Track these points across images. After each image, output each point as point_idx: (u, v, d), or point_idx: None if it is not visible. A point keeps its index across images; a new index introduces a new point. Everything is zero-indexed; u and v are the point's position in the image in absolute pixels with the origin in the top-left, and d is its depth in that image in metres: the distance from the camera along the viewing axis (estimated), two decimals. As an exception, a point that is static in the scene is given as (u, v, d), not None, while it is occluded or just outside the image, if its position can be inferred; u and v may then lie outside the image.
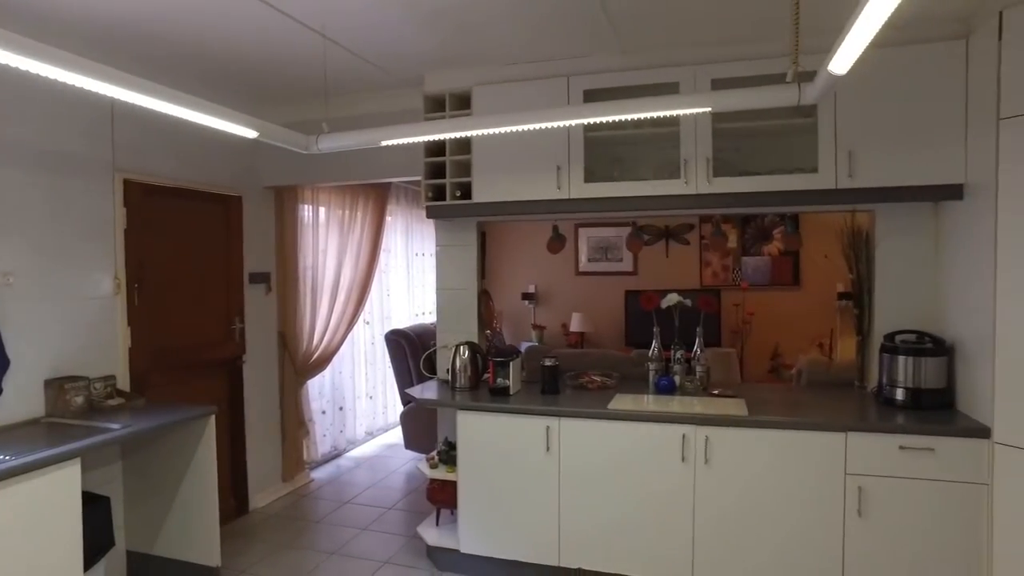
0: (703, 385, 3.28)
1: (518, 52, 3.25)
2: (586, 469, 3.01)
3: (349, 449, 5.56)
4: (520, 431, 3.09)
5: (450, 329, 3.82)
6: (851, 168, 2.87)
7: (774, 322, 6.17)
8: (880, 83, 2.85)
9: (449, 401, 3.30)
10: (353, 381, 5.62)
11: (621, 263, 6.73)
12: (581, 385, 3.43)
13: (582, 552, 3.04)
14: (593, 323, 6.61)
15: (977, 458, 2.58)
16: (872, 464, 2.69)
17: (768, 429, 2.78)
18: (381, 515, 4.15)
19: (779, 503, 2.78)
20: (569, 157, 3.23)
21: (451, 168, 3.47)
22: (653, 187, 3.12)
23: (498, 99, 3.35)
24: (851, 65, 1.77)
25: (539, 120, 2.38)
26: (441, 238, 3.87)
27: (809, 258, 6.13)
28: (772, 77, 2.65)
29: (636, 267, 6.69)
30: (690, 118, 3.04)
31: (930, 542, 2.64)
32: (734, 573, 2.85)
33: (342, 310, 4.98)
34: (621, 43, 3.10)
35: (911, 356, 2.90)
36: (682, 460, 2.87)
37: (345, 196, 5.05)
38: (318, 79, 3.56)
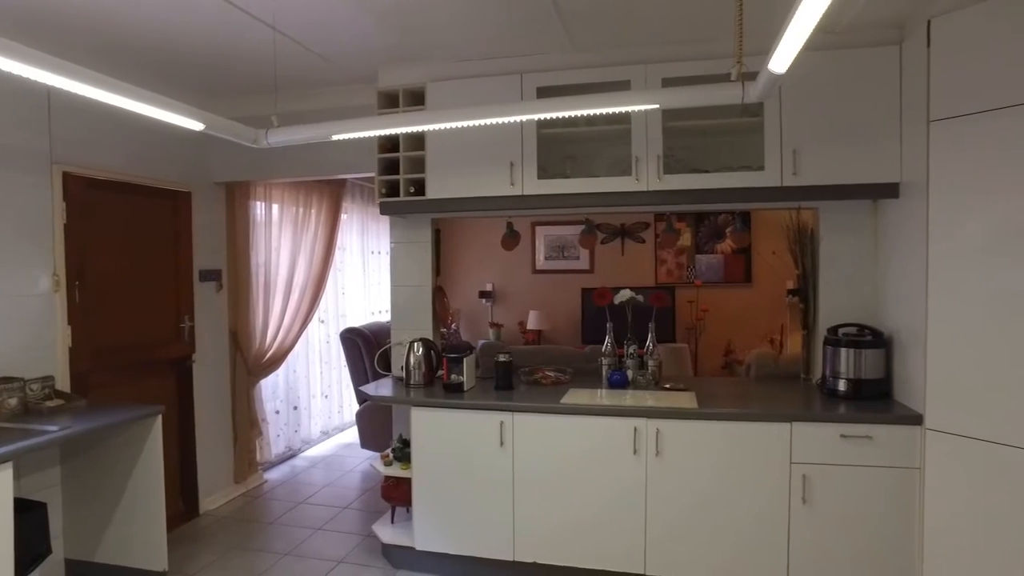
0: (655, 379, 3.34)
1: (472, 49, 3.26)
2: (540, 463, 3.03)
3: (304, 449, 5.48)
4: (474, 427, 3.10)
5: (405, 326, 3.80)
6: (796, 166, 2.96)
7: (727, 318, 6.32)
8: (822, 85, 2.94)
9: (403, 398, 3.29)
10: (308, 380, 5.54)
11: (578, 261, 6.80)
12: (535, 381, 3.46)
13: (537, 546, 3.07)
14: (550, 321, 6.66)
15: (910, 444, 2.70)
16: (816, 453, 2.78)
17: (717, 421, 2.85)
18: (336, 515, 4.11)
19: (728, 492, 2.86)
20: (522, 154, 3.25)
21: (405, 164, 3.46)
22: (605, 184, 3.16)
23: (452, 95, 3.34)
24: (789, 64, 1.83)
25: (489, 115, 2.39)
26: (395, 235, 3.86)
27: (761, 256, 6.30)
28: (721, 76, 2.69)
29: (592, 265, 6.76)
30: (641, 116, 3.09)
31: (869, 525, 2.74)
32: (685, 562, 2.91)
33: (296, 308, 4.90)
34: (573, 41, 3.14)
35: (852, 348, 3.01)
36: (634, 453, 2.92)
37: (299, 193, 4.97)
38: (270, 73, 3.50)
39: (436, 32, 3.02)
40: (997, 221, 2.46)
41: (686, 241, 6.54)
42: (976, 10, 2.49)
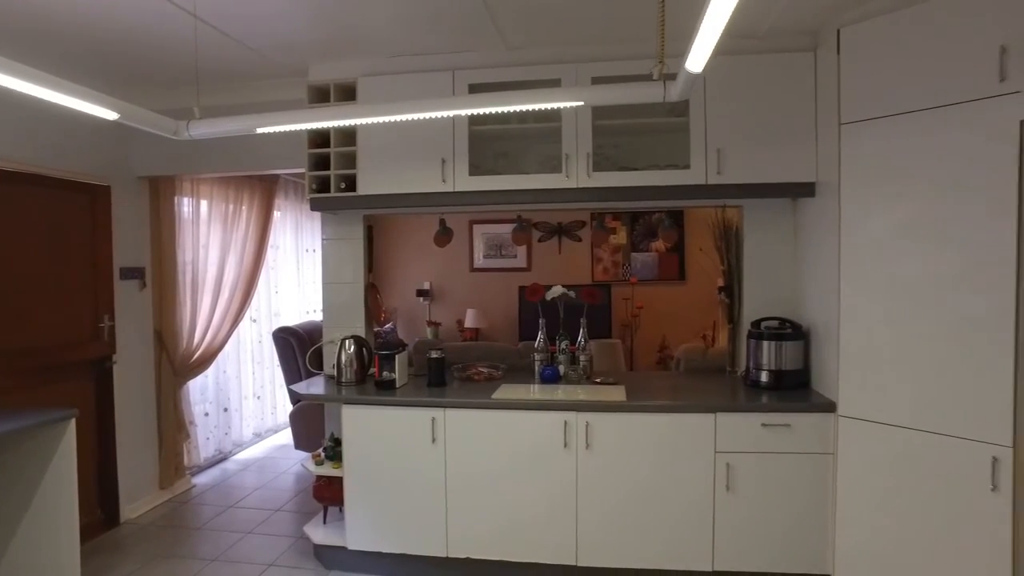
0: (586, 374, 3.40)
1: (405, 44, 3.24)
2: (472, 459, 3.04)
3: (235, 452, 5.33)
4: (406, 423, 3.09)
5: (337, 324, 3.74)
6: (719, 165, 3.06)
7: (662, 315, 6.47)
8: (744, 88, 3.05)
9: (333, 396, 3.24)
10: (239, 381, 5.39)
11: (515, 259, 6.84)
12: (468, 377, 3.46)
13: (470, 541, 3.07)
14: (488, 319, 6.67)
15: (825, 431, 2.83)
16: (738, 442, 2.88)
17: (645, 413, 2.92)
18: (267, 517, 4.01)
19: (655, 482, 2.93)
20: (454, 151, 3.25)
21: (336, 160, 3.40)
22: (535, 181, 3.20)
23: (384, 91, 3.31)
24: (704, 64, 1.90)
25: (414, 111, 2.38)
26: (327, 231, 3.80)
27: (694, 254, 6.48)
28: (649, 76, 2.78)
29: (530, 263, 6.81)
30: (571, 114, 3.14)
31: (787, 509, 2.87)
32: (616, 551, 2.97)
33: (226, 307, 4.76)
34: (505, 39, 3.16)
35: (773, 341, 3.13)
36: (564, 446, 2.96)
37: (229, 189, 4.83)
38: (193, 63, 3.38)
39: (368, 27, 2.99)
40: (898, 219, 2.61)
41: (621, 239, 6.67)
42: (880, 21, 2.63)
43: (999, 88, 2.30)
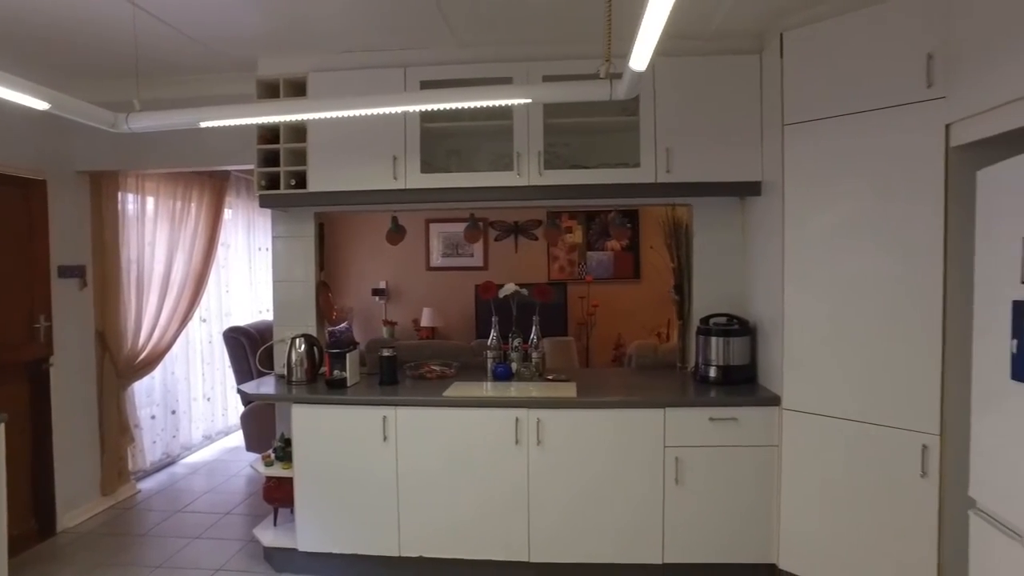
0: (539, 371, 3.41)
1: (356, 40, 3.20)
2: (424, 457, 3.03)
3: (184, 455, 5.18)
4: (357, 422, 3.05)
5: (288, 323, 3.69)
6: (669, 164, 3.11)
7: (617, 313, 6.54)
8: (693, 89, 3.11)
9: (283, 395, 3.19)
10: (188, 382, 5.24)
11: (472, 258, 6.83)
12: (420, 375, 3.45)
13: (422, 540, 3.06)
14: (444, 318, 6.65)
15: (770, 424, 2.90)
16: (687, 436, 2.93)
17: (595, 409, 2.96)
18: (217, 521, 3.92)
19: (606, 477, 2.96)
20: (405, 148, 3.23)
21: (286, 156, 3.35)
22: (487, 179, 3.20)
23: (335, 87, 3.27)
24: (647, 63, 1.93)
25: (361, 106, 2.36)
26: (277, 229, 3.74)
27: (648, 252, 6.56)
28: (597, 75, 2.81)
29: (487, 262, 6.81)
30: (523, 112, 3.15)
31: (734, 501, 2.93)
32: (568, 546, 2.99)
33: (173, 307, 4.63)
34: (456, 37, 3.15)
35: (721, 337, 3.20)
36: (516, 443, 2.97)
37: (177, 185, 4.70)
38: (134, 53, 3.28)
39: (319, 21, 2.94)
40: (837, 217, 2.70)
41: (577, 238, 6.72)
42: (821, 27, 2.72)
43: (927, 93, 2.41)
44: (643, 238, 6.60)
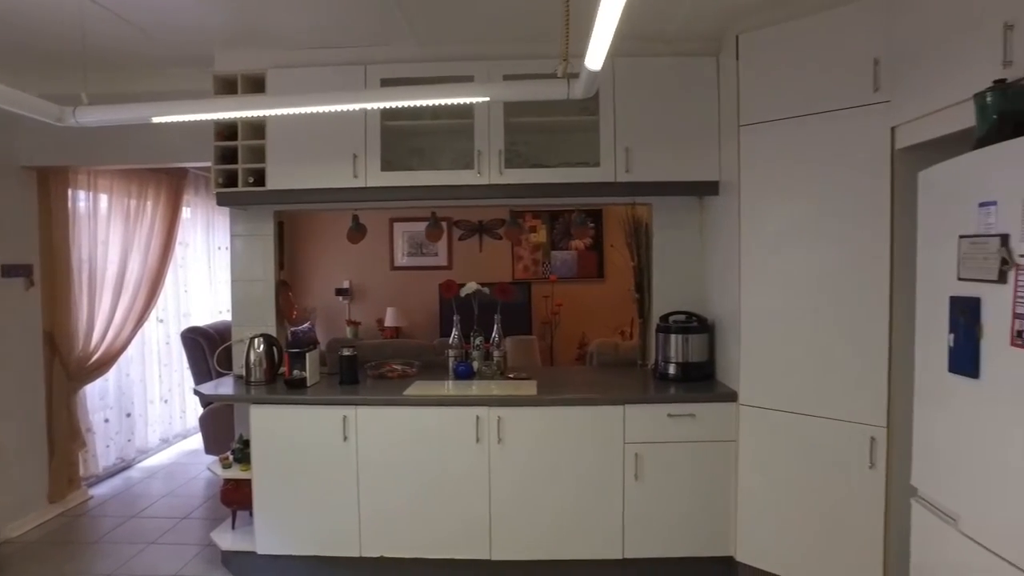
0: (500, 370, 3.42)
1: (316, 37, 3.16)
2: (384, 456, 3.01)
3: (140, 459, 5.06)
4: (316, 422, 3.02)
5: (247, 322, 3.63)
6: (628, 164, 3.15)
7: (582, 312, 6.59)
8: (652, 89, 3.15)
9: (241, 396, 3.14)
10: (144, 384, 5.12)
11: (436, 257, 6.81)
12: (381, 375, 3.43)
13: (383, 540, 3.04)
14: (408, 317, 6.62)
15: (727, 419, 2.96)
16: (646, 432, 2.97)
17: (555, 406, 2.98)
18: (174, 526, 3.84)
19: (568, 474, 2.98)
20: (366, 145, 3.21)
21: (244, 153, 3.29)
22: (448, 177, 3.20)
23: (294, 84, 3.22)
24: (602, 62, 1.95)
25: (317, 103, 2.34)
26: (236, 227, 3.68)
27: (612, 252, 6.63)
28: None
29: (451, 261, 6.80)
30: (484, 111, 3.15)
31: (692, 495, 2.98)
32: (529, 544, 3.01)
33: (128, 307, 4.52)
34: (417, 34, 3.13)
35: (680, 334, 3.25)
36: (476, 441, 2.97)
37: (132, 183, 4.58)
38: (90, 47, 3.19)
39: (278, 17, 2.90)
40: (790, 217, 2.76)
41: (541, 238, 6.75)
42: (774, 30, 2.78)
43: (874, 97, 2.48)
44: (607, 237, 6.65)
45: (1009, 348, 1.63)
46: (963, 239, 1.83)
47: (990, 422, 1.72)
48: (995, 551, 1.68)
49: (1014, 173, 1.60)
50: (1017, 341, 1.60)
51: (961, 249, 1.84)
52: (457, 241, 6.83)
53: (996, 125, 1.78)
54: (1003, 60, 1.83)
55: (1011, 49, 1.81)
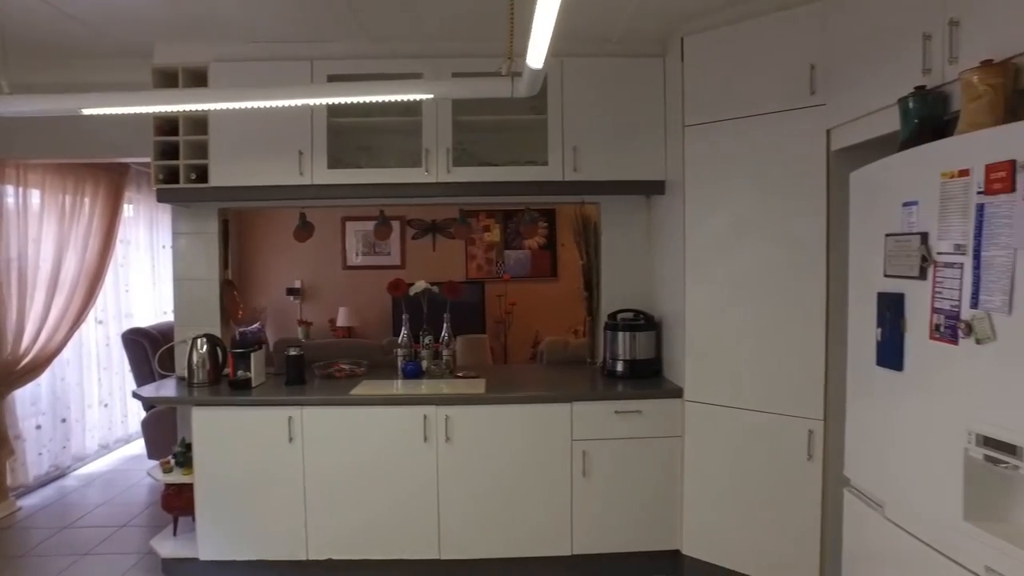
0: (449, 368, 3.41)
1: (261, 30, 3.09)
2: (331, 457, 2.97)
3: (77, 467, 4.86)
4: (261, 424, 2.96)
5: (190, 323, 3.52)
6: (576, 163, 3.18)
7: (535, 311, 6.62)
8: (600, 89, 3.19)
9: (182, 397, 3.05)
10: (82, 388, 4.91)
11: (389, 257, 6.75)
12: (329, 375, 3.38)
13: (331, 542, 3.00)
14: (361, 317, 6.54)
15: (673, 415, 3.01)
16: (593, 429, 3.00)
17: (503, 405, 2.98)
18: (111, 535, 3.70)
19: (515, 472, 2.99)
20: (312, 142, 3.16)
21: (185, 149, 3.21)
22: (396, 175, 3.18)
23: (238, 78, 3.14)
24: (543, 60, 1.96)
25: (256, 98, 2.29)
26: (178, 225, 3.58)
27: (565, 251, 6.67)
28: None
29: (404, 261, 6.75)
30: (432, 109, 3.14)
31: (639, 491, 3.02)
32: (478, 542, 3.00)
33: (64, 308, 4.35)
34: (364, 30, 3.10)
35: (628, 332, 3.29)
36: (424, 440, 2.95)
37: (67, 178, 4.41)
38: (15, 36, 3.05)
39: (222, 8, 2.82)
40: (732, 215, 2.83)
41: (495, 237, 6.76)
42: (718, 33, 2.84)
43: (810, 100, 2.56)
44: (560, 237, 6.70)
45: (929, 341, 1.71)
46: (889, 237, 1.90)
47: (912, 413, 1.80)
48: (916, 535, 1.76)
49: (932, 174, 1.68)
50: (935, 335, 1.68)
51: (887, 247, 1.92)
52: (410, 240, 6.78)
53: (917, 129, 1.86)
54: (923, 68, 1.91)
55: (929, 58, 1.90)
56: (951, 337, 1.63)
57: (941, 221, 1.66)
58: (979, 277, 1.53)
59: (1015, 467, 1.41)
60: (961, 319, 1.58)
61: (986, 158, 1.49)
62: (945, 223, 1.65)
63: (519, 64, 2.24)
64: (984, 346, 1.52)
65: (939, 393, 1.68)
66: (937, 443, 1.66)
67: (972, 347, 1.55)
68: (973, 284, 1.55)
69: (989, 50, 1.66)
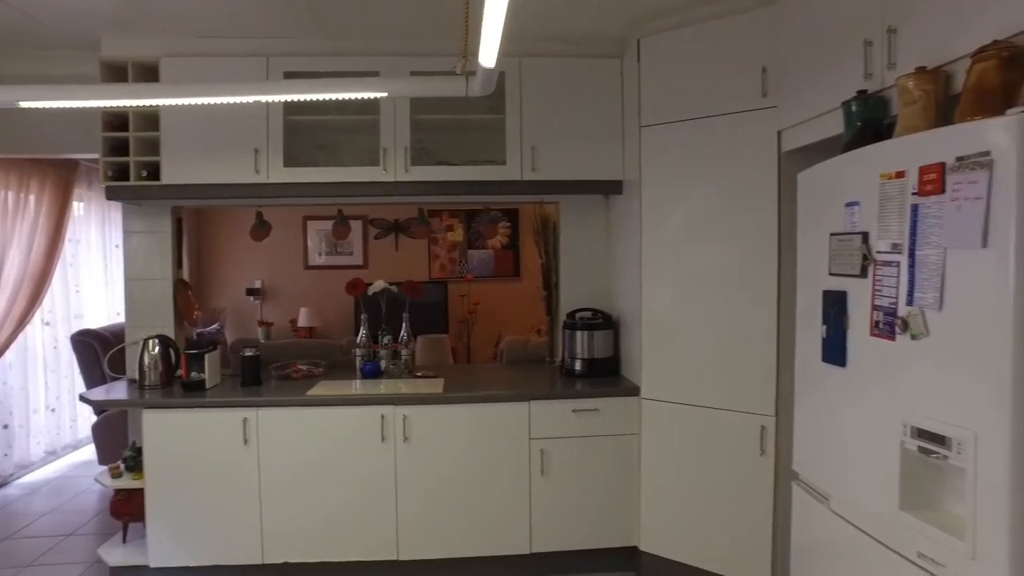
0: (408, 368, 3.40)
1: (215, 25, 3.03)
2: (287, 459, 2.93)
3: (20, 474, 4.68)
4: (215, 426, 2.91)
5: (142, 324, 3.44)
6: (534, 162, 3.19)
7: (498, 310, 6.63)
8: (559, 89, 3.21)
9: (132, 400, 2.98)
10: (27, 393, 4.75)
11: (351, 256, 6.69)
12: (286, 375, 3.33)
13: (287, 545, 2.96)
14: (323, 318, 6.47)
15: (630, 413, 3.04)
16: (552, 428, 3.02)
17: (461, 404, 2.98)
18: (56, 544, 3.58)
19: (474, 471, 2.99)
20: (268, 140, 3.12)
21: (136, 146, 3.13)
22: (353, 174, 3.15)
23: (191, 74, 3.07)
24: (495, 59, 1.97)
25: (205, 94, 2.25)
26: (130, 223, 3.49)
27: (528, 251, 6.70)
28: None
29: (366, 260, 6.70)
30: (390, 107, 3.12)
31: (598, 488, 3.05)
32: (437, 542, 3.00)
33: (6, 309, 4.21)
34: (321, 27, 3.06)
35: (586, 331, 3.32)
36: (382, 440, 2.94)
37: (10, 174, 4.26)
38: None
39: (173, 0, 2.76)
40: (688, 215, 2.88)
41: (458, 237, 6.75)
42: (673, 35, 2.89)
43: (762, 102, 2.62)
44: (523, 236, 6.72)
45: (869, 338, 1.76)
46: (833, 236, 1.96)
47: (855, 407, 1.85)
48: (859, 526, 1.81)
49: (872, 176, 1.73)
50: (875, 331, 1.73)
51: (832, 246, 1.97)
52: (373, 240, 6.73)
53: (860, 131, 1.92)
54: (864, 73, 1.97)
55: (871, 63, 1.96)
56: (889, 333, 1.68)
57: (880, 221, 1.72)
58: (914, 275, 1.58)
59: (945, 457, 1.47)
60: (898, 316, 1.64)
61: (919, 160, 1.55)
62: (884, 223, 1.70)
63: (475, 63, 2.25)
64: (918, 341, 1.57)
65: (878, 388, 1.73)
66: (877, 436, 1.72)
67: (908, 343, 1.60)
68: (909, 282, 1.60)
69: (923, 57, 1.72)
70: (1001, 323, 1.32)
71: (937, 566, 1.48)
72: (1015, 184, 1.29)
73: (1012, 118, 1.30)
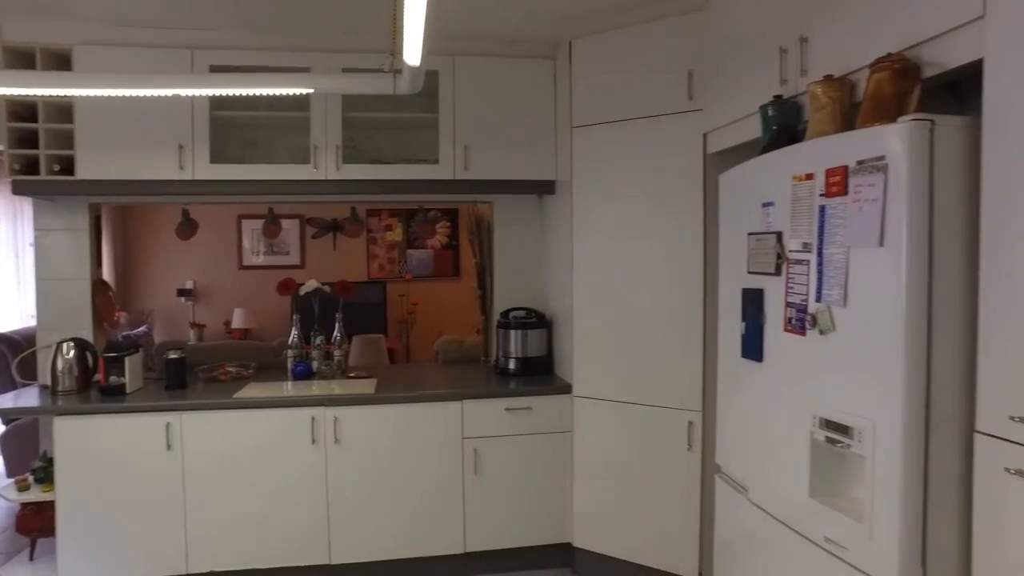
0: (341, 369, 3.34)
1: (135, 13, 2.90)
2: (213, 464, 2.84)
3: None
4: (135, 432, 2.79)
5: (56, 326, 3.26)
6: (467, 161, 3.19)
7: (438, 310, 6.59)
8: (493, 88, 3.22)
9: (43, 407, 2.83)
10: (-69, 401, 4.45)
11: (288, 256, 6.54)
12: (214, 378, 3.23)
13: (213, 553, 2.87)
14: (259, 319, 6.30)
15: (563, 411, 3.08)
16: (485, 427, 3.02)
17: (393, 404, 2.95)
18: (-47, 565, 3.36)
19: (406, 472, 2.97)
20: (193, 136, 3.01)
21: (47, 138, 2.97)
22: (283, 171, 3.08)
23: (109, 64, 2.95)
24: (420, 58, 1.96)
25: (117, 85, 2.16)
26: (41, 220, 3.31)
27: (467, 251, 6.69)
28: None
29: (304, 260, 6.56)
30: (321, 104, 3.07)
31: (531, 487, 3.08)
32: (369, 544, 2.96)
33: (-93, 312, 3.92)
34: (247, 19, 2.97)
35: (520, 330, 3.34)
36: (312, 442, 2.88)
37: (-91, 168, 3.98)
38: None
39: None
40: (617, 215, 2.93)
41: (397, 236, 6.69)
42: (603, 38, 2.94)
43: (689, 105, 2.69)
44: (462, 236, 6.71)
45: (783, 333, 1.83)
46: (751, 236, 2.03)
47: (770, 401, 1.93)
48: (775, 515, 1.89)
49: (785, 178, 1.80)
50: (788, 327, 1.81)
51: (750, 245, 2.04)
52: (311, 239, 6.59)
53: (776, 135, 2.00)
54: (780, 79, 2.05)
55: (786, 69, 2.04)
56: (800, 329, 1.75)
57: (792, 221, 1.79)
58: (822, 273, 1.66)
59: (848, 446, 1.54)
60: (808, 312, 1.71)
61: (826, 163, 1.62)
62: (795, 223, 1.78)
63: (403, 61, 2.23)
64: (826, 336, 1.64)
65: (791, 381, 1.81)
66: (790, 428, 1.79)
67: (817, 338, 1.68)
68: (817, 279, 1.68)
69: (831, 66, 1.80)
70: (894, 317, 1.40)
71: (841, 548, 1.56)
72: (905, 187, 1.37)
73: (902, 126, 1.38)
